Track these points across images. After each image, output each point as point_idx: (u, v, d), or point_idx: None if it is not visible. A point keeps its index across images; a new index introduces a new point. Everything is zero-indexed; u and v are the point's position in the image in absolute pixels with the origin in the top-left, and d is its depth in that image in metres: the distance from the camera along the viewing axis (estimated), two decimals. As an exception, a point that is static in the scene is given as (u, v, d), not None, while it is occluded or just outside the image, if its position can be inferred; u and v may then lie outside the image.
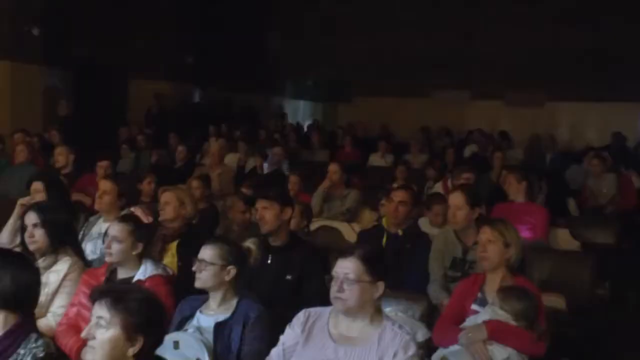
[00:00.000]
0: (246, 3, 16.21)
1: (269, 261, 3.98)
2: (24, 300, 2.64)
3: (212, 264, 3.24)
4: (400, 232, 4.76)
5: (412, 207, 4.88)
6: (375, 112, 15.90)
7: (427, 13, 15.91)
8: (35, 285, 2.72)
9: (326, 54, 16.72)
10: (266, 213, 4.04)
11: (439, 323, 3.58)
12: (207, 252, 3.27)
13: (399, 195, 4.84)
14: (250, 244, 3.54)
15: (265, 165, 9.23)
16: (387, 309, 3.30)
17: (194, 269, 3.27)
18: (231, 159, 10.00)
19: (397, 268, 4.37)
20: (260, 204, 4.09)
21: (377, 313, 2.89)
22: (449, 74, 15.44)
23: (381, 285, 2.84)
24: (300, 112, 19.53)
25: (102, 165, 7.22)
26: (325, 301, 2.94)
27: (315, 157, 11.46)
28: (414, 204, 4.96)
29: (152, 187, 6.37)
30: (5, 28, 11.68)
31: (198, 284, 3.27)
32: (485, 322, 3.29)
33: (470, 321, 3.44)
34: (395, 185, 6.34)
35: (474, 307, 3.54)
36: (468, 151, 11.99)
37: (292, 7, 17.18)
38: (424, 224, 5.57)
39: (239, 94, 16.48)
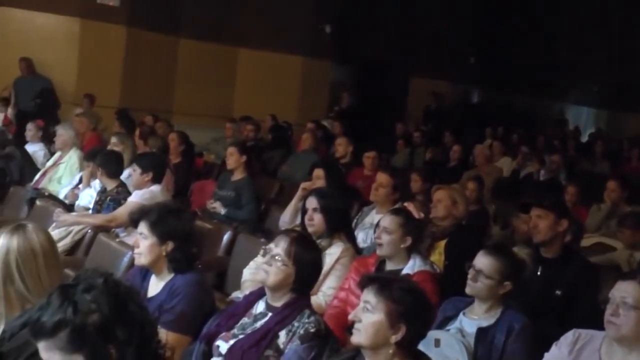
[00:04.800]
0: (533, 7, 15.68)
1: (538, 273, 3.82)
2: (308, 280, 2.84)
3: (489, 277, 3.12)
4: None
5: None
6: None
7: None
8: (318, 267, 2.91)
9: (613, 58, 15.55)
10: (540, 222, 3.87)
11: None
12: (485, 263, 3.14)
13: None
14: (525, 255, 3.41)
15: (542, 172, 8.89)
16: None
17: (470, 277, 3.17)
18: (505, 163, 9.78)
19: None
20: (535, 212, 3.94)
21: (660, 348, 2.61)
22: None
23: (665, 318, 2.57)
24: (582, 119, 18.49)
25: (369, 156, 7.30)
26: (597, 324, 2.74)
27: (596, 168, 10.75)
28: None
29: (417, 186, 6.32)
30: (300, 26, 12.61)
31: (470, 291, 3.19)
32: None
33: None
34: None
35: None
36: None
37: (580, 11, 16.23)
38: None
39: (519, 97, 16.04)
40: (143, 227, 3.21)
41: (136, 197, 4.94)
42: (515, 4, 15.57)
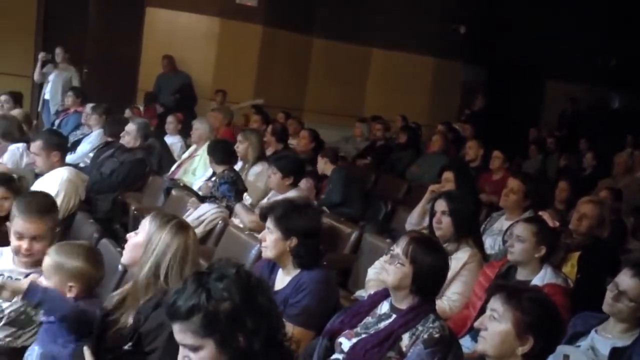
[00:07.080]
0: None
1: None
2: (428, 283, 2.80)
3: (634, 301, 2.89)
4: None
5: None
6: None
7: None
8: (440, 270, 2.86)
9: None
10: (685, 238, 3.64)
11: None
12: (630, 285, 2.90)
13: None
14: None
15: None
16: None
17: (611, 297, 2.94)
18: (645, 174, 9.23)
19: None
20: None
21: None
22: None
23: None
24: None
25: (496, 156, 7.07)
26: None
27: None
28: None
29: (563, 196, 6.05)
30: (433, 26, 12.48)
31: (609, 310, 2.97)
32: None
33: None
34: None
35: None
36: None
37: None
38: None
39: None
40: (269, 222, 3.29)
41: (273, 203, 5.05)
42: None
